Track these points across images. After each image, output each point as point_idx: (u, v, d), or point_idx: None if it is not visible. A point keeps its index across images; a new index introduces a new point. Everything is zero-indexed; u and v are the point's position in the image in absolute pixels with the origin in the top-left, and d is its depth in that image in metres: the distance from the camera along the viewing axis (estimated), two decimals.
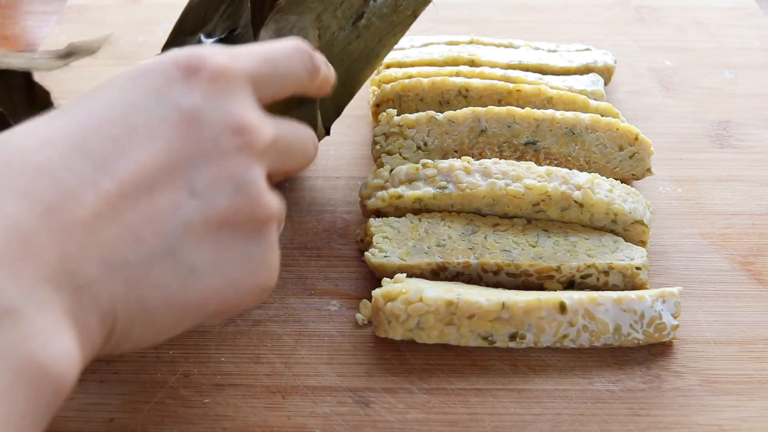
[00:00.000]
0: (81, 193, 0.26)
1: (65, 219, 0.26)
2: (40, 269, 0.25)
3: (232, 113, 0.30)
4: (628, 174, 0.49)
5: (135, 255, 0.27)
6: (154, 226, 0.28)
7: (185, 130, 0.29)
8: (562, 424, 0.38)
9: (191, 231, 0.28)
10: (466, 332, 0.39)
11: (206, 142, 0.29)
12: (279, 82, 0.34)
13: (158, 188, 0.28)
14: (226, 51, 0.31)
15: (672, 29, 0.68)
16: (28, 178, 0.26)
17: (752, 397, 0.39)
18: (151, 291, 0.28)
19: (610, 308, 0.40)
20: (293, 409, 0.39)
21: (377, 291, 0.40)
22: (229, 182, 0.29)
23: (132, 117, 0.28)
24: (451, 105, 0.51)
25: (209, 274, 0.29)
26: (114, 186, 0.27)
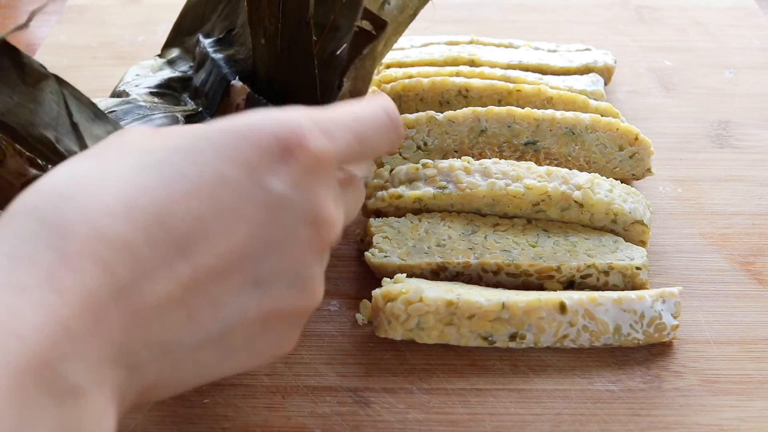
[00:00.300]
0: (157, 276, 0.25)
1: (137, 301, 0.25)
2: (105, 348, 0.24)
3: (315, 204, 0.29)
4: (628, 174, 0.49)
5: (190, 338, 0.27)
6: (215, 311, 0.27)
7: (268, 215, 0.28)
8: (562, 424, 0.38)
9: (244, 318, 0.28)
10: (466, 332, 0.39)
11: (283, 232, 0.28)
12: (361, 158, 0.33)
13: (228, 273, 0.27)
14: (323, 128, 0.30)
15: (672, 29, 0.68)
16: (111, 249, 0.25)
17: (752, 397, 0.39)
18: (191, 367, 0.28)
19: (610, 308, 0.40)
20: (293, 409, 0.39)
21: (377, 291, 0.40)
22: (291, 274, 0.29)
23: (220, 191, 0.27)
24: (451, 105, 0.51)
25: (246, 354, 0.29)
26: (189, 270, 0.26)
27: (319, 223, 0.29)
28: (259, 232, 0.28)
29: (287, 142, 0.28)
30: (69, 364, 0.23)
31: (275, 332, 0.30)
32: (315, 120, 0.30)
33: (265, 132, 0.28)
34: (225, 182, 0.27)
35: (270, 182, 0.28)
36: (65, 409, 0.23)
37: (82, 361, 0.23)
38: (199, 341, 0.27)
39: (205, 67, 0.48)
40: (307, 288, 0.30)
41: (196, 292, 0.26)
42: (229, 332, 0.28)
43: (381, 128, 0.33)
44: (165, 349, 0.26)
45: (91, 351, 0.24)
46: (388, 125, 0.33)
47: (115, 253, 0.25)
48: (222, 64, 0.47)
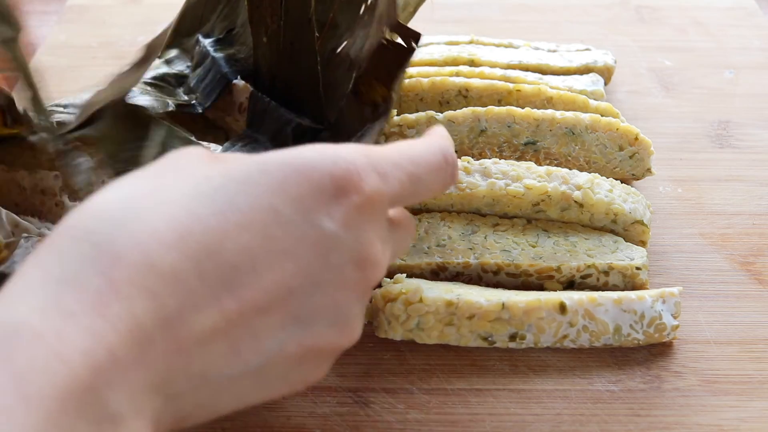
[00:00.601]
0: (204, 308, 0.25)
1: (182, 332, 0.25)
2: (148, 377, 0.24)
3: (363, 245, 0.29)
4: (628, 174, 0.49)
5: (230, 370, 0.27)
6: (256, 344, 0.27)
7: (317, 254, 0.28)
8: (562, 425, 0.38)
9: (283, 353, 0.28)
10: (466, 332, 0.39)
11: (330, 271, 0.28)
12: (413, 198, 0.33)
13: (272, 309, 0.27)
14: (378, 168, 0.30)
15: (672, 29, 0.68)
16: (160, 278, 0.25)
17: (752, 397, 0.39)
18: (227, 397, 0.28)
19: (610, 308, 0.40)
20: (293, 410, 0.39)
21: (377, 291, 0.40)
22: (333, 312, 0.29)
23: (272, 226, 0.27)
24: (450, 105, 0.51)
25: (280, 382, 0.29)
26: (236, 305, 0.26)
27: (366, 265, 0.29)
28: (306, 269, 0.28)
29: (342, 181, 0.28)
30: (112, 391, 0.23)
31: (310, 365, 0.30)
32: (370, 159, 0.30)
33: (321, 169, 0.28)
34: (277, 217, 0.27)
35: (321, 221, 0.28)
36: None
37: (124, 388, 0.23)
38: (239, 373, 0.27)
39: (204, 66, 0.48)
40: (347, 327, 0.30)
41: (239, 325, 0.26)
42: (267, 365, 0.28)
43: (437, 171, 0.32)
44: (204, 380, 0.26)
45: (135, 379, 0.24)
46: (445, 169, 0.33)
47: (164, 283, 0.25)
48: (222, 63, 0.47)
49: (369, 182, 0.29)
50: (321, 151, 0.29)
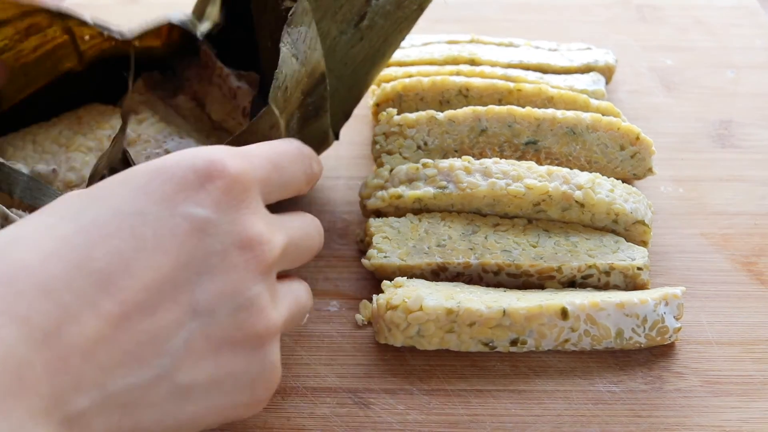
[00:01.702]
0: (82, 317, 0.25)
1: (63, 346, 0.25)
2: (32, 403, 0.24)
3: (243, 226, 0.29)
4: (629, 174, 0.48)
5: (133, 378, 0.26)
6: (155, 346, 0.27)
7: (195, 243, 0.28)
8: (563, 426, 0.38)
9: (191, 350, 0.28)
10: (467, 339, 0.39)
11: (214, 257, 0.28)
12: (283, 188, 0.33)
13: (161, 306, 0.27)
14: (240, 155, 0.31)
15: (673, 28, 0.68)
16: (29, 301, 0.25)
17: (754, 398, 0.39)
18: (147, 412, 0.27)
19: (612, 313, 0.39)
20: (293, 411, 0.39)
21: (378, 297, 0.40)
22: (232, 298, 0.29)
23: (141, 228, 0.27)
24: (451, 104, 0.51)
25: (207, 392, 0.29)
26: (116, 307, 0.26)
27: (251, 244, 0.29)
28: (186, 260, 0.28)
29: (205, 170, 0.29)
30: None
31: (236, 366, 0.29)
32: (231, 149, 0.30)
33: (182, 164, 0.29)
34: (144, 218, 0.27)
35: (191, 210, 0.28)
36: None
37: (3, 421, 0.23)
38: (145, 380, 0.27)
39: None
40: (253, 310, 0.29)
41: (127, 329, 0.26)
42: (179, 368, 0.27)
43: (296, 160, 0.34)
44: (106, 393, 0.26)
45: (15, 409, 0.23)
46: (302, 159, 0.35)
47: (32, 305, 0.25)
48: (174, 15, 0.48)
49: (232, 165, 0.29)
50: (185, 151, 0.30)
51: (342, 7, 0.42)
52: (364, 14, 0.43)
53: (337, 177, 0.52)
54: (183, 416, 0.28)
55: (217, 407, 0.29)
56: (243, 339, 0.29)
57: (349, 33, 0.43)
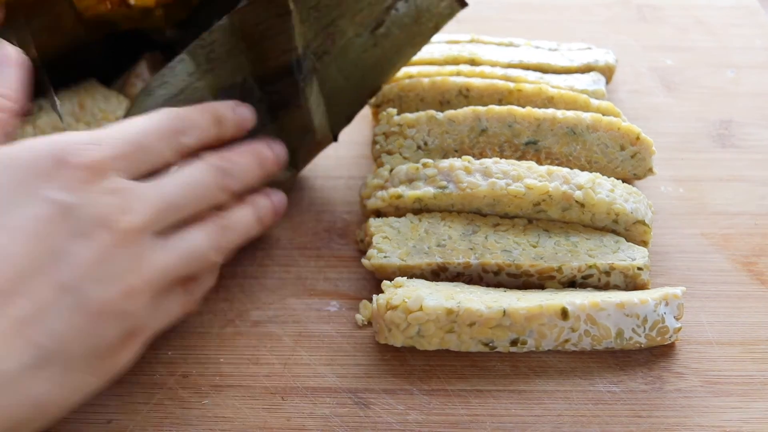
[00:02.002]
0: None
1: None
2: None
3: (102, 205, 0.30)
4: (629, 174, 0.48)
5: (15, 364, 0.27)
6: (32, 328, 0.27)
7: (54, 222, 0.29)
8: (563, 426, 0.38)
9: (73, 327, 0.28)
10: (467, 339, 0.39)
11: (75, 234, 0.29)
12: (152, 156, 0.34)
13: (25, 290, 0.27)
14: (91, 139, 0.32)
15: (673, 28, 0.67)
16: None
17: (754, 398, 0.39)
18: (26, 401, 0.28)
19: (613, 313, 0.39)
20: (292, 411, 0.38)
21: (378, 297, 0.40)
22: (97, 270, 0.29)
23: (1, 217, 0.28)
24: (451, 104, 0.51)
25: (95, 360, 0.30)
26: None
27: (111, 220, 0.30)
28: (47, 241, 0.28)
29: (60, 154, 0.30)
30: None
31: (109, 332, 0.30)
32: (88, 134, 0.32)
33: (38, 149, 0.30)
34: (3, 206, 0.28)
35: (48, 193, 0.29)
36: None
37: None
38: (36, 362, 0.27)
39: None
40: (120, 279, 0.30)
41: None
42: (63, 346, 0.28)
43: (160, 133, 0.35)
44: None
45: None
46: (169, 131, 0.36)
47: None
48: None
49: (84, 149, 0.30)
50: (42, 138, 0.31)
51: (362, 11, 0.43)
52: (382, 22, 0.44)
53: (337, 177, 0.52)
54: (64, 393, 0.29)
55: (99, 371, 0.31)
56: (114, 310, 0.30)
57: (365, 37, 0.44)
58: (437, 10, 0.47)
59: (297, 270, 0.46)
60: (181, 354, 0.41)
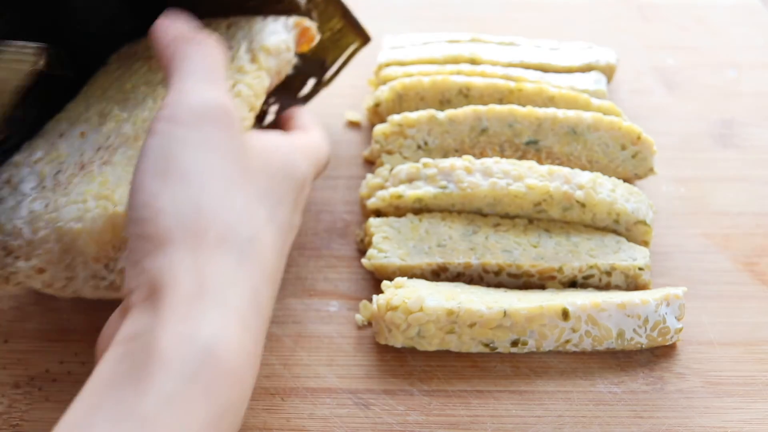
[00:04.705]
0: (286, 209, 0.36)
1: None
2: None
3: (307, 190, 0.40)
4: (630, 173, 0.48)
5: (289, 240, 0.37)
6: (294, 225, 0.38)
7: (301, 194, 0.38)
8: (564, 427, 0.38)
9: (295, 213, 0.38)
10: (467, 340, 0.39)
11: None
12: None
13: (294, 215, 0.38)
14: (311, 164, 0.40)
15: (675, 27, 0.67)
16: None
17: (756, 399, 0.39)
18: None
19: (614, 313, 0.39)
20: (292, 411, 0.38)
21: (378, 298, 0.40)
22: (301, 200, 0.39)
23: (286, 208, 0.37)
24: (451, 104, 0.51)
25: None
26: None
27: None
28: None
29: (307, 178, 0.39)
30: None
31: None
32: (307, 155, 0.40)
33: (302, 169, 0.38)
34: (283, 205, 0.36)
35: (300, 205, 0.38)
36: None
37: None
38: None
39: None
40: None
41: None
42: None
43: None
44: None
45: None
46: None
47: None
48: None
49: (312, 176, 0.41)
50: (298, 153, 0.39)
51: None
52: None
53: (337, 177, 0.52)
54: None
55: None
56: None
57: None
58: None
59: (297, 270, 0.46)
60: None
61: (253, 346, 0.30)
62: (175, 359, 0.26)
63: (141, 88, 0.43)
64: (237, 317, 0.29)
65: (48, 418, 0.38)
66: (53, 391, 0.39)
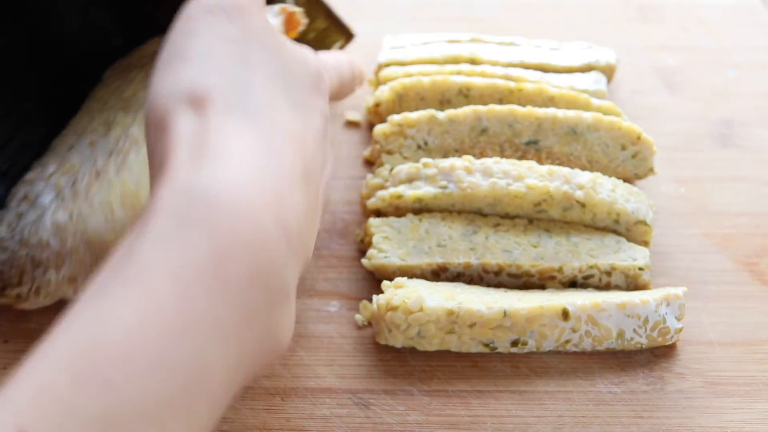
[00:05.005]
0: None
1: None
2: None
3: (326, 109, 0.36)
4: (630, 173, 0.48)
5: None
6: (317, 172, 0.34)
7: (325, 134, 0.36)
8: (564, 427, 0.38)
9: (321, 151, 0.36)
10: (467, 340, 0.39)
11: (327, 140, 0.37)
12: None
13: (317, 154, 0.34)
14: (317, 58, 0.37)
15: (675, 28, 0.67)
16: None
17: (756, 399, 0.39)
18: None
19: (614, 314, 0.39)
20: (292, 411, 0.38)
21: (378, 298, 0.40)
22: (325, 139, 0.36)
23: (309, 132, 0.34)
24: (451, 104, 0.51)
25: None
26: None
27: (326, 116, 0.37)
28: (322, 148, 0.35)
29: (320, 72, 0.36)
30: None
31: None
32: (310, 53, 0.37)
33: (309, 66, 0.35)
34: (307, 122, 0.34)
35: (320, 104, 0.35)
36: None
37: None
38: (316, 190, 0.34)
39: None
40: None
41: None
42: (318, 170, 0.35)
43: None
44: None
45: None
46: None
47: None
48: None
49: (325, 68, 0.38)
50: (301, 49, 0.36)
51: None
52: None
53: (337, 177, 0.52)
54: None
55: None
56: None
57: None
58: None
59: None
60: None
61: (272, 182, 0.28)
62: (169, 203, 0.26)
63: (140, 93, 0.44)
64: (242, 161, 0.28)
65: None
66: None
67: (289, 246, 0.28)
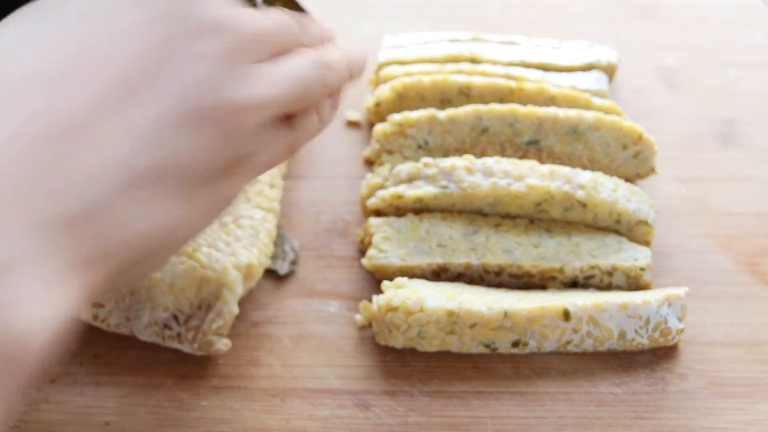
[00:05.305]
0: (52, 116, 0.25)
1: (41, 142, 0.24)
2: (33, 212, 0.24)
3: (204, 11, 0.28)
4: (632, 173, 0.48)
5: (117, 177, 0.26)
6: (133, 139, 0.26)
7: (170, 27, 0.28)
8: (566, 428, 0.37)
9: (166, 145, 0.27)
10: (468, 340, 0.39)
11: (191, 37, 0.28)
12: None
13: (132, 99, 0.26)
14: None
15: (676, 27, 0.67)
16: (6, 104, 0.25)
17: (758, 400, 0.39)
18: (143, 211, 0.27)
19: (615, 314, 0.39)
20: (292, 412, 0.38)
21: (378, 299, 0.40)
22: (211, 82, 0.28)
23: (105, 23, 0.27)
24: (452, 103, 0.51)
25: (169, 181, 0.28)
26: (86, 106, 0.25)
27: (213, 27, 0.29)
28: (163, 45, 0.28)
29: None
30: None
31: (211, 145, 0.29)
32: None
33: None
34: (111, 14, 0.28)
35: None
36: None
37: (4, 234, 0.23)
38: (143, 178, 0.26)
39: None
40: (225, 90, 0.29)
41: (100, 122, 0.26)
42: (163, 162, 0.27)
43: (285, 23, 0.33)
44: (90, 200, 0.25)
45: (15, 220, 0.23)
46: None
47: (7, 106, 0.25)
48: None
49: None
50: None
51: None
52: None
53: (337, 177, 0.52)
54: (179, 211, 0.28)
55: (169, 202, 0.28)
56: (218, 125, 0.28)
57: None
58: None
59: (297, 270, 0.46)
60: (179, 355, 0.41)
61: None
62: None
63: None
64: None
65: (47, 420, 0.38)
66: (52, 392, 0.39)
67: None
